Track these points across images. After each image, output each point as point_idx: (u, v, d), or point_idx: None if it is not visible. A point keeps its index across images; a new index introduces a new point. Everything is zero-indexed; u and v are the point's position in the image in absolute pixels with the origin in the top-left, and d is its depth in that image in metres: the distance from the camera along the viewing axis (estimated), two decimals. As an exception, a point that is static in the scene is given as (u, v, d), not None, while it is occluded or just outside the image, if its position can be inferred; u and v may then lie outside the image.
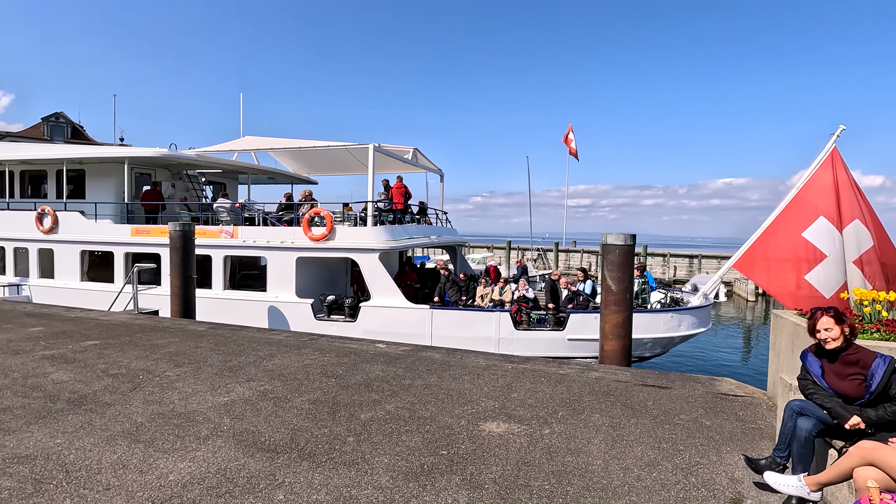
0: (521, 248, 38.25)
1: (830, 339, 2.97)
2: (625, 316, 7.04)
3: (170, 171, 15.78)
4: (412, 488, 3.15)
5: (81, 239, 13.53)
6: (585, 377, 5.70)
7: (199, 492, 3.05)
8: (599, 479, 3.33)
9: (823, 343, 3.01)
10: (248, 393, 4.89)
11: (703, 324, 11.41)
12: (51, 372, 5.45)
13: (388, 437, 3.90)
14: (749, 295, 29.61)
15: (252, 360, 6.10)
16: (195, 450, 3.62)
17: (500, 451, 3.71)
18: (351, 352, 6.68)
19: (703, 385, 5.52)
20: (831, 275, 7.38)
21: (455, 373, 5.77)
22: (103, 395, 4.75)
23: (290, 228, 11.98)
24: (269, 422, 4.17)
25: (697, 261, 35.90)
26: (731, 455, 3.73)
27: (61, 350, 6.41)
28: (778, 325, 5.11)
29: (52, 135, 36.58)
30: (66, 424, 4.03)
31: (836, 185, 7.85)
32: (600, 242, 7.45)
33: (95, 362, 5.87)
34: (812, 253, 7.63)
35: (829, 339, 2.98)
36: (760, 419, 4.51)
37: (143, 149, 13.88)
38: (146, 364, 5.84)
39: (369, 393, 4.98)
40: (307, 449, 3.67)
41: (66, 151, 15.46)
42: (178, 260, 10.45)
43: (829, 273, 7.42)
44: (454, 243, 16.25)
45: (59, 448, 3.60)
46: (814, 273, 7.55)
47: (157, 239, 12.54)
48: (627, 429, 4.20)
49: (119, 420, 4.14)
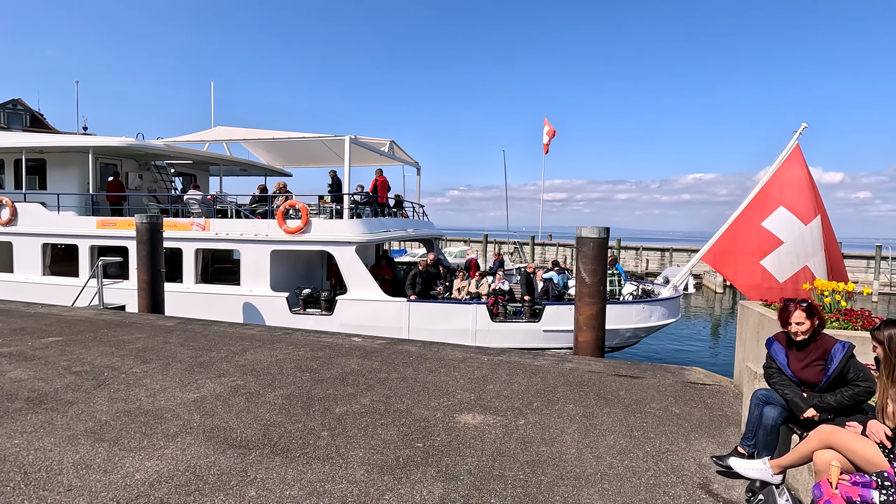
0: (498, 241, 38.48)
1: (801, 332, 3.08)
2: (598, 308, 7.15)
3: (137, 161, 15.23)
4: (387, 481, 3.14)
5: (43, 231, 12.96)
6: (560, 368, 5.77)
7: (166, 490, 2.97)
8: (573, 467, 3.38)
9: (793, 335, 3.12)
10: (219, 389, 4.78)
11: (673, 315, 11.70)
12: (8, 370, 5.22)
13: (363, 431, 3.87)
14: (717, 287, 30.52)
15: (223, 356, 5.97)
16: (163, 447, 3.52)
17: (475, 443, 3.72)
18: (326, 346, 6.61)
19: (673, 374, 5.66)
20: (786, 260, 7.68)
21: (431, 365, 5.76)
22: (65, 393, 4.57)
23: (265, 221, 11.74)
24: (241, 417, 4.09)
25: (669, 254, 36.77)
26: (700, 442, 3.83)
27: (20, 347, 6.15)
28: (744, 316, 5.27)
29: (9, 123, 34.91)
30: (25, 424, 3.86)
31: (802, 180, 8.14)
32: (575, 235, 7.54)
33: (57, 359, 5.65)
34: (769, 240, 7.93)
35: (800, 333, 3.08)
36: (727, 406, 4.65)
37: (108, 138, 13.35)
38: (111, 361, 5.65)
39: (344, 387, 4.93)
40: (280, 444, 3.61)
41: (25, 139, 14.75)
42: (145, 253, 10.13)
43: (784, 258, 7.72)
44: (431, 237, 16.21)
45: (17, 449, 3.45)
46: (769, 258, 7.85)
47: (123, 231, 12.12)
48: (600, 418, 4.27)
49: (82, 419, 3.99)
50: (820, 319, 3.15)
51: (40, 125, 36.22)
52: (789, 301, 3.23)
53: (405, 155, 16.40)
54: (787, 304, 3.22)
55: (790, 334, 3.14)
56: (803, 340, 3.11)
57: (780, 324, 3.24)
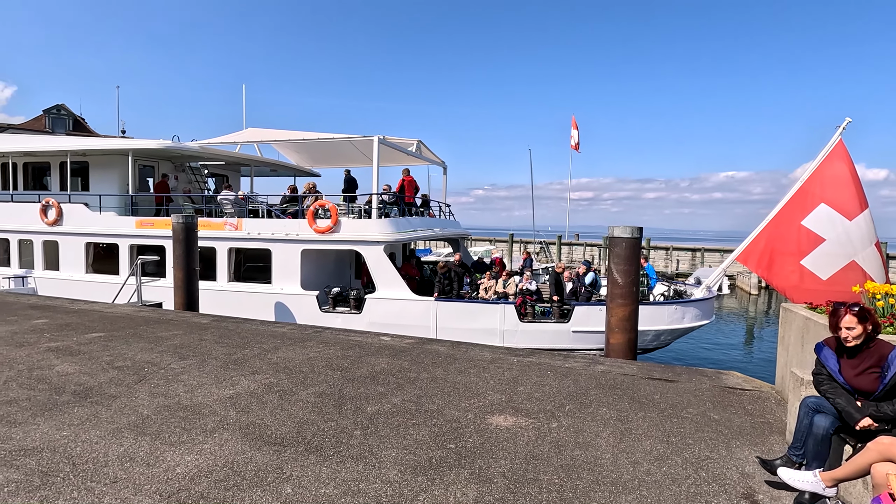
0: (524, 240, 38.16)
1: (851, 337, 2.93)
2: (631, 309, 7.00)
3: (173, 163, 15.73)
4: (421, 482, 3.13)
5: (86, 231, 13.52)
6: (591, 370, 5.67)
7: (206, 485, 3.04)
8: (609, 473, 3.30)
9: (844, 340, 2.96)
10: (253, 386, 4.88)
11: (706, 316, 11.38)
12: (56, 364, 5.45)
13: (395, 431, 3.88)
14: (752, 288, 29.54)
15: (256, 353, 6.09)
16: (202, 443, 3.60)
17: (507, 445, 3.68)
18: (356, 344, 6.66)
19: (709, 379, 5.49)
20: (828, 257, 7.40)
21: (460, 366, 5.74)
22: (109, 387, 4.74)
23: (295, 221, 11.94)
24: (275, 415, 4.15)
25: (700, 254, 35.78)
26: (742, 450, 3.69)
27: (66, 342, 6.41)
28: (787, 319, 5.07)
29: (53, 127, 36.53)
30: (72, 417, 4.02)
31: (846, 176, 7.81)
32: (606, 235, 7.40)
33: (100, 354, 5.86)
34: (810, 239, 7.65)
35: (851, 338, 2.93)
36: (769, 413, 4.48)
37: (146, 140, 13.83)
38: (151, 356, 5.83)
39: (375, 386, 4.96)
40: (314, 442, 3.65)
41: (69, 143, 15.41)
42: (181, 252, 10.44)
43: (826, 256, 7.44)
44: (457, 236, 16.19)
45: (66, 441, 3.59)
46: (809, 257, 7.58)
47: (160, 231, 12.52)
48: (635, 422, 4.17)
49: (125, 412, 4.13)
50: (874, 324, 2.99)
51: (82, 129, 37.79)
52: (839, 304, 3.07)
53: (432, 154, 16.43)
54: (837, 308, 3.07)
55: (841, 340, 2.99)
56: (856, 346, 2.95)
57: (830, 328, 3.09)
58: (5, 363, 5.44)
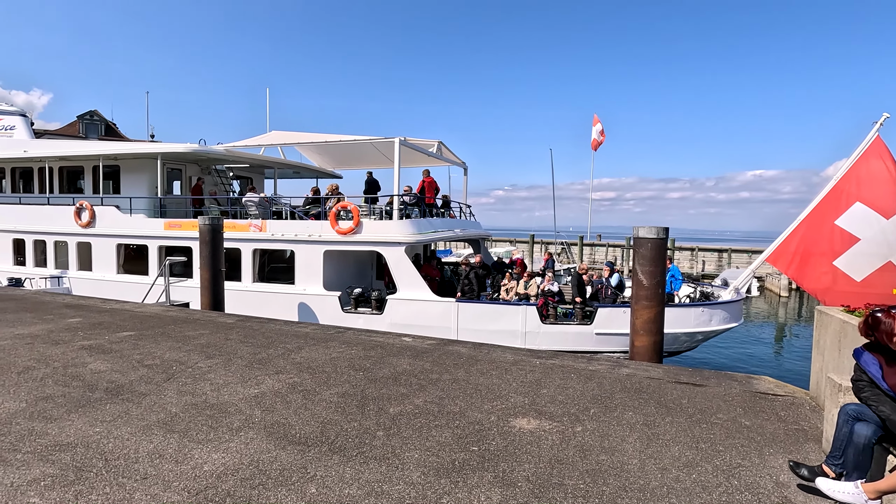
0: (545, 241, 37.84)
1: None
2: (657, 311, 6.86)
3: (199, 165, 16.09)
4: (444, 484, 3.11)
5: (117, 232, 13.94)
6: (616, 373, 5.57)
7: (233, 483, 3.08)
8: (636, 479, 3.23)
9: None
10: (277, 385, 4.94)
11: (734, 319, 11.07)
12: (89, 362, 5.61)
13: (417, 432, 3.87)
14: (782, 290, 28.67)
15: (280, 353, 6.17)
16: (228, 441, 3.66)
17: (531, 448, 3.64)
18: (377, 345, 6.69)
19: (739, 383, 5.34)
20: (863, 258, 7.09)
21: (482, 367, 5.71)
22: (139, 385, 4.86)
23: (318, 222, 12.08)
24: (299, 414, 4.19)
25: (727, 255, 34.89)
26: (775, 457, 3.57)
27: (99, 341, 6.61)
28: (823, 322, 4.88)
29: (86, 132, 37.80)
30: (105, 413, 4.13)
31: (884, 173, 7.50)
32: (631, 236, 7.26)
33: (131, 353, 6.02)
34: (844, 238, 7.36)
35: None
36: (804, 420, 4.32)
37: (174, 144, 14.18)
38: (179, 355, 5.96)
39: (397, 387, 4.96)
40: (337, 442, 3.67)
41: (102, 148, 15.93)
42: (207, 253, 10.66)
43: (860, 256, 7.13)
44: (478, 237, 16.15)
45: (99, 437, 3.69)
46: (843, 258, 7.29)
47: (188, 233, 12.82)
48: (662, 427, 4.07)
49: (154, 410, 4.22)
50: None
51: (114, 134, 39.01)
52: (879, 311, 2.92)
53: (452, 155, 16.43)
54: (875, 315, 2.91)
55: (892, 346, 2.83)
56: (902, 351, 2.81)
57: (878, 336, 2.91)
58: (42, 360, 5.63)
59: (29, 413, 4.10)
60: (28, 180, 16.72)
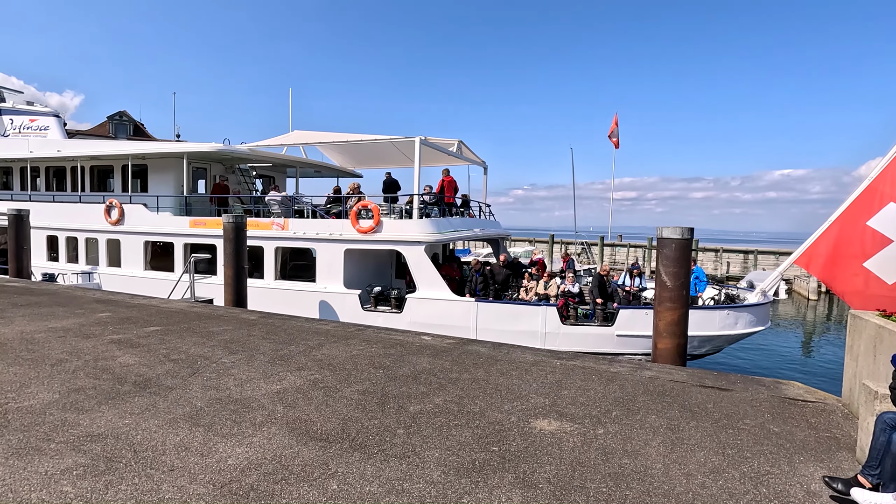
0: (565, 241, 37.49)
1: None
2: (681, 313, 6.72)
3: (223, 165, 16.41)
4: (464, 484, 3.11)
5: (145, 230, 14.32)
6: (639, 376, 5.48)
7: (256, 477, 3.12)
8: (660, 484, 3.17)
9: None
10: (299, 381, 5.00)
11: (761, 322, 10.79)
12: (118, 355, 5.77)
13: (437, 431, 3.87)
14: (810, 293, 27.85)
15: (302, 350, 6.24)
16: (251, 436, 3.72)
17: (552, 450, 3.60)
18: (397, 343, 6.72)
19: (767, 388, 5.20)
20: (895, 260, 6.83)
21: (502, 367, 5.68)
22: (165, 379, 4.98)
23: (339, 221, 12.20)
24: (321, 411, 4.23)
25: (753, 256, 34.05)
26: (806, 466, 3.46)
27: (127, 335, 6.79)
28: (856, 327, 4.72)
29: (116, 132, 38.91)
30: (133, 406, 4.24)
31: None
32: (655, 236, 7.14)
33: (157, 347, 6.17)
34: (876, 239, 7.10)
35: None
36: (836, 428, 4.18)
37: (199, 144, 14.48)
38: (203, 350, 6.08)
39: (417, 385, 4.97)
40: (358, 439, 3.69)
41: (130, 147, 16.38)
42: (231, 251, 10.86)
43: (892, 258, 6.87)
44: (497, 236, 16.09)
45: (128, 428, 3.79)
46: (874, 260, 7.04)
47: (212, 230, 13.08)
48: (687, 432, 3.99)
49: (180, 403, 4.32)
50: None
51: (141, 134, 40.07)
52: None
53: (472, 154, 16.39)
54: None
55: None
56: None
57: None
58: (74, 353, 5.81)
59: (62, 404, 4.24)
60: (61, 179, 17.29)
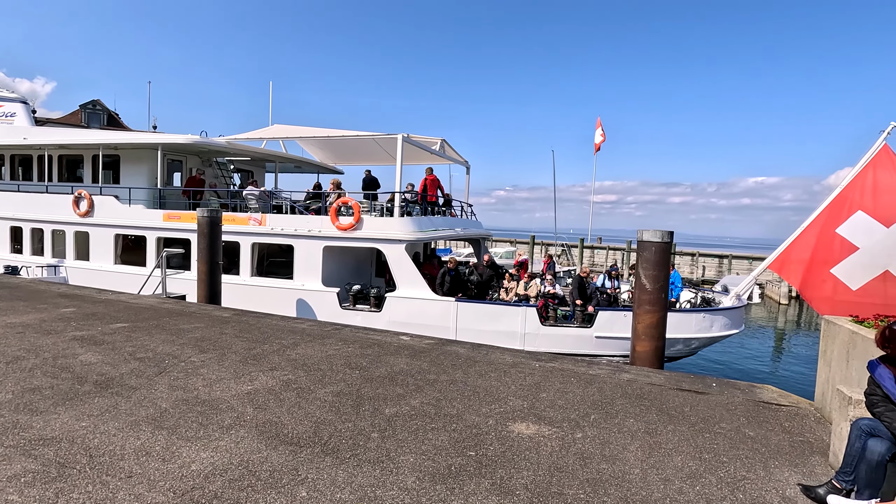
0: (545, 243, 37.74)
1: None
2: (659, 316, 6.75)
3: (200, 157, 15.97)
4: (439, 491, 3.01)
5: (115, 223, 13.83)
6: (617, 379, 5.47)
7: (220, 484, 2.97)
8: (638, 489, 3.12)
9: None
10: (271, 382, 4.83)
11: (735, 325, 10.97)
12: (80, 353, 5.51)
13: (413, 435, 3.77)
14: (782, 297, 28.57)
15: (276, 349, 6.06)
16: (218, 439, 3.55)
17: (530, 455, 3.53)
18: (375, 343, 6.58)
19: (742, 392, 5.24)
20: (860, 268, 7.05)
21: (481, 369, 5.60)
22: (129, 378, 4.75)
23: (318, 217, 11.96)
24: (293, 413, 4.08)
25: (728, 261, 34.80)
26: (781, 470, 3.46)
27: (91, 332, 6.50)
28: (830, 332, 4.77)
29: (89, 121, 37.64)
30: (92, 407, 4.02)
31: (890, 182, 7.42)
32: (633, 239, 7.15)
33: (123, 345, 5.91)
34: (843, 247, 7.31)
35: None
36: (809, 432, 4.22)
37: (175, 135, 14.06)
38: (172, 349, 5.85)
39: (393, 387, 4.86)
40: (331, 444, 3.56)
41: (102, 137, 15.81)
42: (205, 246, 10.55)
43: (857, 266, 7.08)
44: (479, 236, 16.03)
45: (84, 431, 3.58)
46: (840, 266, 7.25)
47: (186, 224, 12.70)
48: (664, 436, 3.97)
49: (144, 405, 4.11)
50: None
51: (116, 124, 38.85)
52: None
53: (455, 154, 16.30)
54: (894, 328, 2.81)
55: None
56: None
57: (894, 350, 2.81)
58: (32, 350, 5.53)
59: (14, 405, 4.00)
60: (27, 168, 16.60)
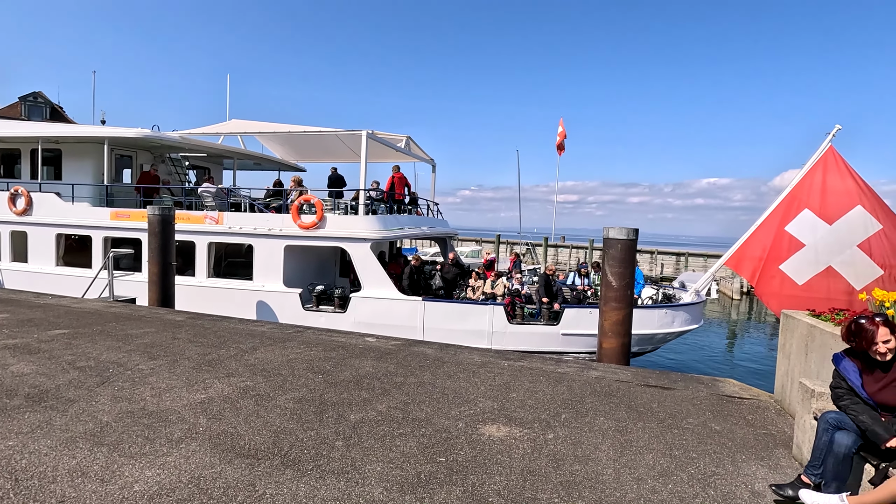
0: (510, 242, 38.06)
1: (889, 350, 2.71)
2: (625, 313, 6.81)
3: (152, 153, 15.15)
4: (408, 502, 2.85)
5: (57, 221, 12.91)
6: (585, 376, 5.45)
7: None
8: (612, 491, 3.06)
9: (880, 356, 2.74)
10: (227, 390, 4.53)
11: (695, 321, 11.29)
12: (11, 364, 5.02)
13: (380, 442, 3.59)
14: (734, 293, 29.84)
15: (233, 354, 5.73)
16: (166, 454, 3.26)
17: (502, 459, 3.42)
18: (339, 345, 6.34)
19: (706, 386, 5.31)
20: (805, 264, 7.43)
21: (449, 370, 5.46)
22: (67, 390, 4.35)
23: (279, 215, 11.53)
24: (250, 423, 3.83)
25: (684, 258, 36.09)
26: (748, 464, 3.49)
27: (25, 339, 5.97)
28: (789, 326, 4.89)
29: (29, 115, 35.25)
30: (22, 424, 3.64)
31: (834, 181, 7.79)
32: (602, 236, 7.19)
33: (62, 353, 5.45)
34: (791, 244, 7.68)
35: (888, 352, 2.71)
36: (771, 424, 4.29)
37: (123, 129, 13.24)
38: (118, 356, 5.43)
39: (359, 391, 4.65)
40: (291, 454, 3.34)
41: (41, 129, 14.72)
42: (156, 246, 9.97)
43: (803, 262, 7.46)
44: (445, 235, 15.92)
45: (11, 451, 3.21)
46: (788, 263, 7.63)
47: (136, 223, 12.00)
48: (635, 433, 3.94)
49: (82, 419, 3.76)
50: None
51: (60, 118, 36.53)
52: (862, 318, 2.86)
53: (421, 151, 16.11)
54: (859, 322, 2.84)
55: (875, 354, 2.76)
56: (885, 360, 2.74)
57: (861, 345, 2.83)
58: (-45, 362, 5.01)
59: (-70, 424, 3.57)
60: (-44, 163, 15.32)
